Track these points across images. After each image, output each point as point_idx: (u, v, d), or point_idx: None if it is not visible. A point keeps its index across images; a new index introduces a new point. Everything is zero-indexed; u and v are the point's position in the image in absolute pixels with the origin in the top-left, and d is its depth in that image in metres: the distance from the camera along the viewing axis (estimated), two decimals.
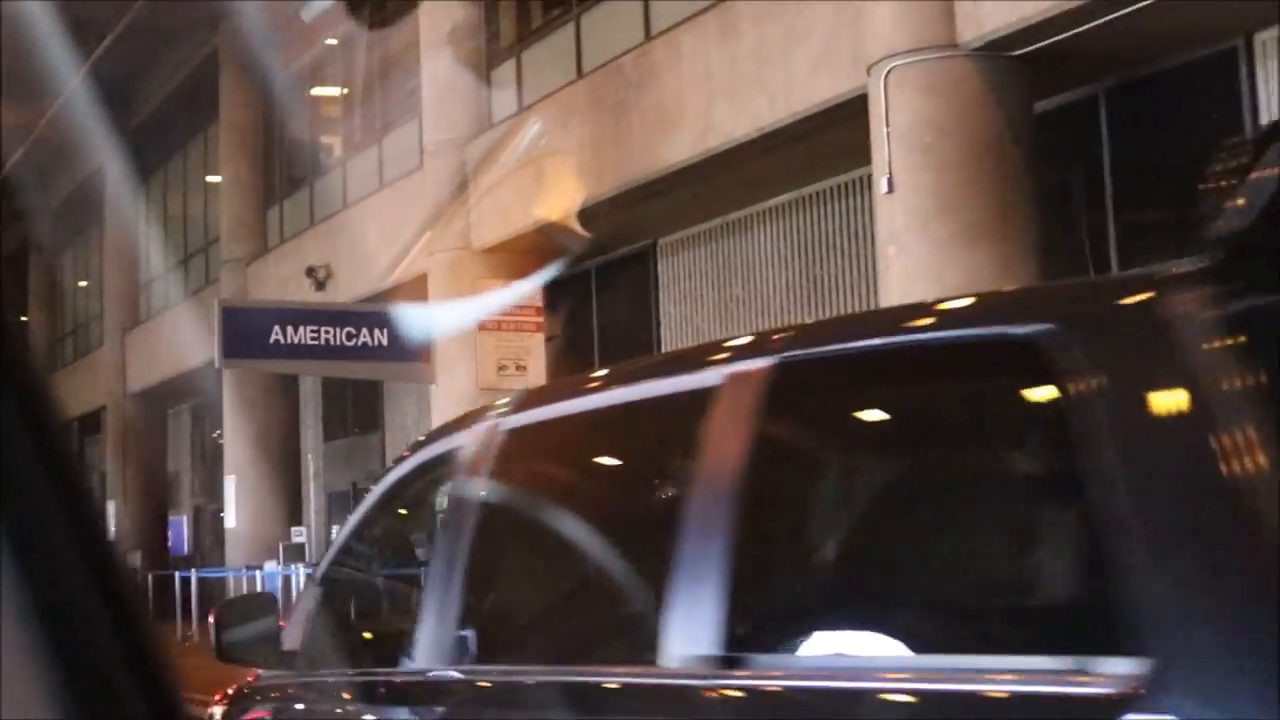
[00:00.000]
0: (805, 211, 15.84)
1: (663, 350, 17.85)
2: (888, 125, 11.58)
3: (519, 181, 17.21)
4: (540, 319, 10.09)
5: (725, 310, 16.92)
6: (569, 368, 17.93)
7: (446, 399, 18.10)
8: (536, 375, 10.06)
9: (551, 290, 19.16)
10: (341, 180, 22.74)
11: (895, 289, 11.47)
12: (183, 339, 28.05)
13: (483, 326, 9.91)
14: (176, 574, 24.65)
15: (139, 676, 0.84)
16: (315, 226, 23.18)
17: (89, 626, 0.81)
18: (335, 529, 26.28)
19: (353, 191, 22.10)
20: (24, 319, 40.03)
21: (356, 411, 25.59)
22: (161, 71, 29.19)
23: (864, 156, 14.45)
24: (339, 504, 26.22)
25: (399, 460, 3.78)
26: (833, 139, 13.59)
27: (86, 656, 0.80)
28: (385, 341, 18.12)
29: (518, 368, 9.97)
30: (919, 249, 11.36)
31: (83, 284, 37.93)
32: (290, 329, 17.68)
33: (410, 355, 18.13)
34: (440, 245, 18.17)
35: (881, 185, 11.60)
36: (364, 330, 18.12)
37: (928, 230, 11.35)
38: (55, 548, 0.81)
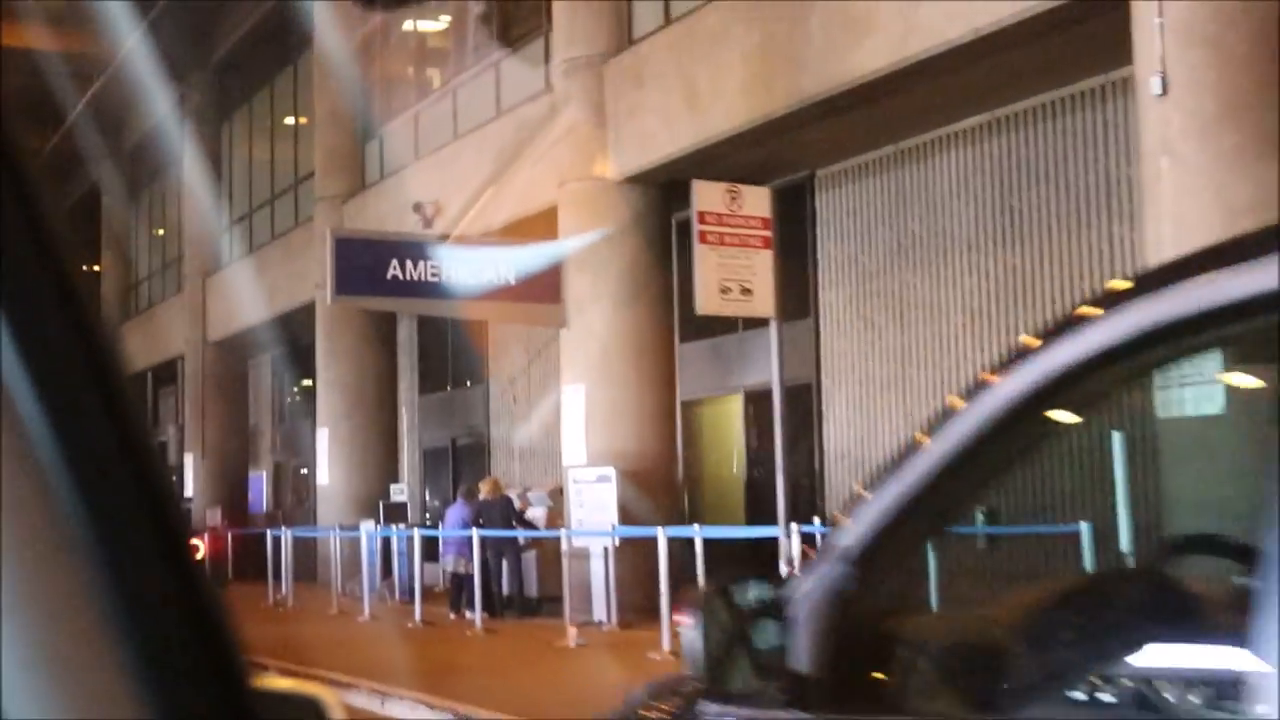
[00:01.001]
0: (1002, 134, 13.94)
1: (819, 297, 16.06)
2: (1160, 16, 9.70)
3: (667, 102, 15.42)
4: (769, 233, 8.35)
5: (899, 249, 15.08)
6: (694, 324, 16.24)
7: (576, 346, 16.41)
8: (764, 301, 8.31)
9: (683, 231, 17.44)
10: (451, 109, 20.96)
11: (1167, 209, 9.62)
12: (269, 283, 26.43)
13: (703, 238, 8.14)
14: (268, 532, 23.03)
15: (207, 656, 0.79)
16: (420, 160, 21.42)
17: (158, 604, 0.78)
18: (427, 491, 24.64)
19: (464, 120, 20.32)
20: (96, 267, 38.59)
21: (456, 362, 23.84)
22: (246, 3, 27.48)
23: (1090, 64, 12.58)
24: (435, 462, 24.57)
25: (1061, 328, 1.98)
26: (1059, 43, 11.72)
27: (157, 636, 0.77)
28: (513, 280, 16.43)
29: (743, 291, 8.21)
30: (1197, 160, 9.49)
31: (159, 231, 36.38)
32: (409, 264, 15.99)
33: (540, 295, 16.43)
34: (572, 174, 16.44)
35: (1153, 86, 9.72)
36: (490, 267, 16.42)
37: (1208, 139, 9.49)
38: (129, 525, 0.77)
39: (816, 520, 13.32)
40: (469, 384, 23.61)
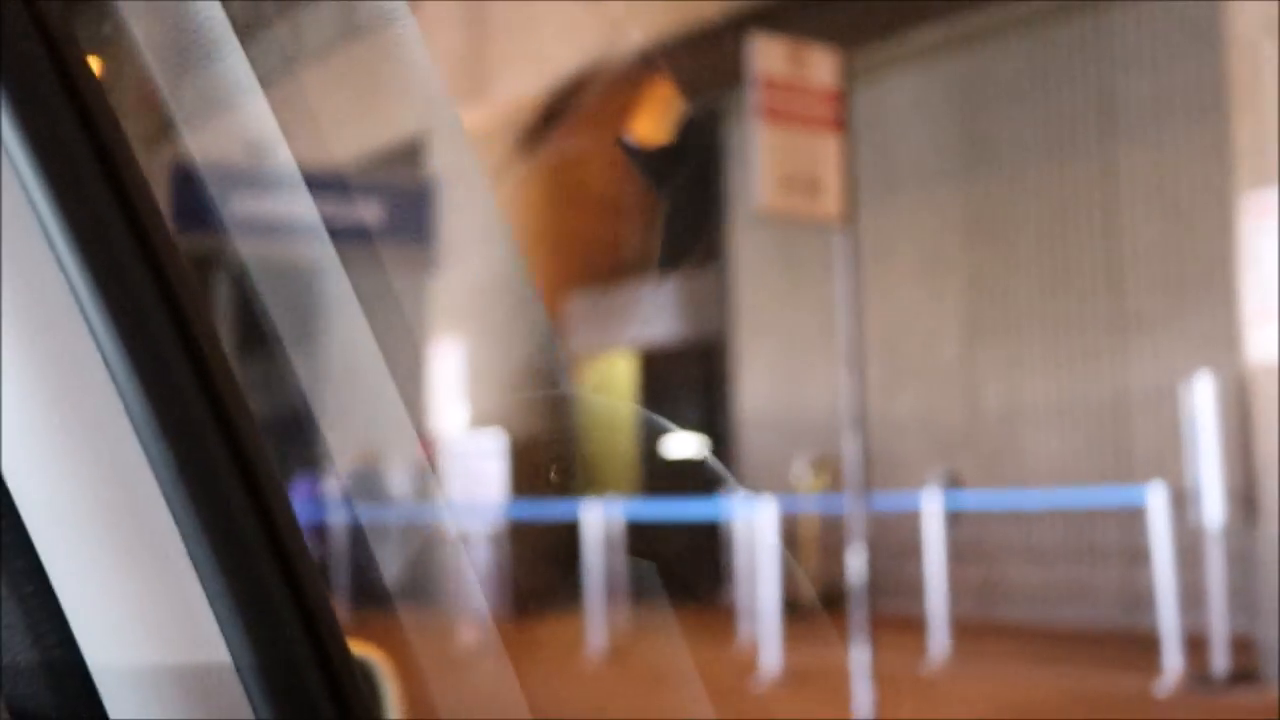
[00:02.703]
0: (966, 51, 12.11)
1: (731, 240, 14.08)
2: None
3: (556, 12, 13.28)
4: (840, 111, 6.34)
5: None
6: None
7: (449, 295, 14.21)
8: (832, 198, 6.32)
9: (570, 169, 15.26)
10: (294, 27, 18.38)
11: (1272, 98, 7.86)
12: None
13: (768, 113, 6.09)
14: None
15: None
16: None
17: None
18: None
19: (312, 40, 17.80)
20: None
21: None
22: None
23: None
24: None
25: None
26: None
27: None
28: (377, 218, 14.10)
29: (809, 185, 6.20)
30: None
31: None
32: (256, 199, 13.52)
33: (408, 236, 14.16)
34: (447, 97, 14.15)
35: None
36: (351, 203, 14.03)
37: None
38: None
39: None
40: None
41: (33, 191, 0.75)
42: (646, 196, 14.83)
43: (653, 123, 13.61)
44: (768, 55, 6.27)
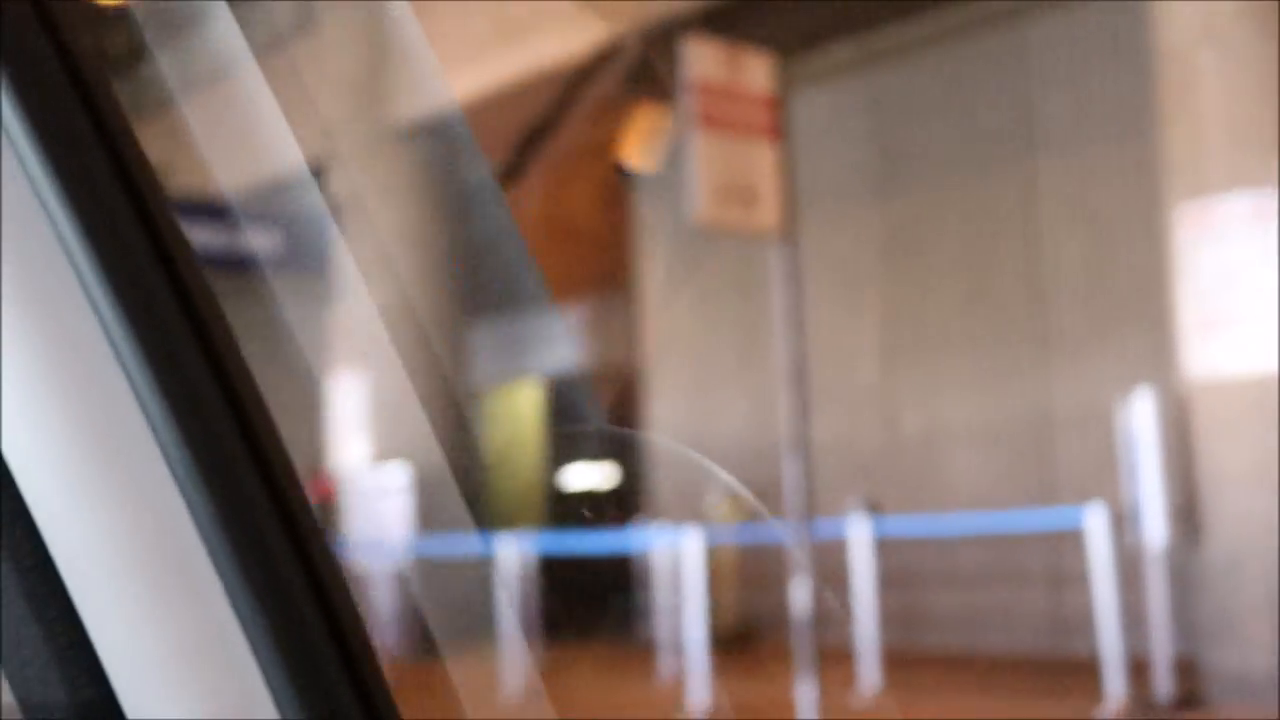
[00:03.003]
0: (878, 67, 11.90)
1: (642, 266, 13.76)
2: None
3: (460, 23, 12.89)
4: (775, 119, 6.02)
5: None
6: (487, 302, 13.65)
7: (345, 325, 13.72)
8: (770, 209, 6.00)
9: (478, 193, 14.90)
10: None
11: (1207, 109, 7.70)
12: None
13: (704, 119, 5.75)
14: None
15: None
16: None
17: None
18: None
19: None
20: None
21: None
22: None
23: None
24: None
25: None
26: None
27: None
28: (267, 247, 13.60)
29: (746, 195, 5.87)
30: (1252, 48, 7.60)
31: None
32: None
33: (299, 265, 13.66)
34: (339, 120, 13.72)
35: None
36: (240, 232, 13.54)
37: (1262, 18, 7.64)
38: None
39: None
40: None
41: (43, 191, 0.73)
42: (555, 219, 14.47)
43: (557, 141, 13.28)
44: (702, 59, 5.94)
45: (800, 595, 6.49)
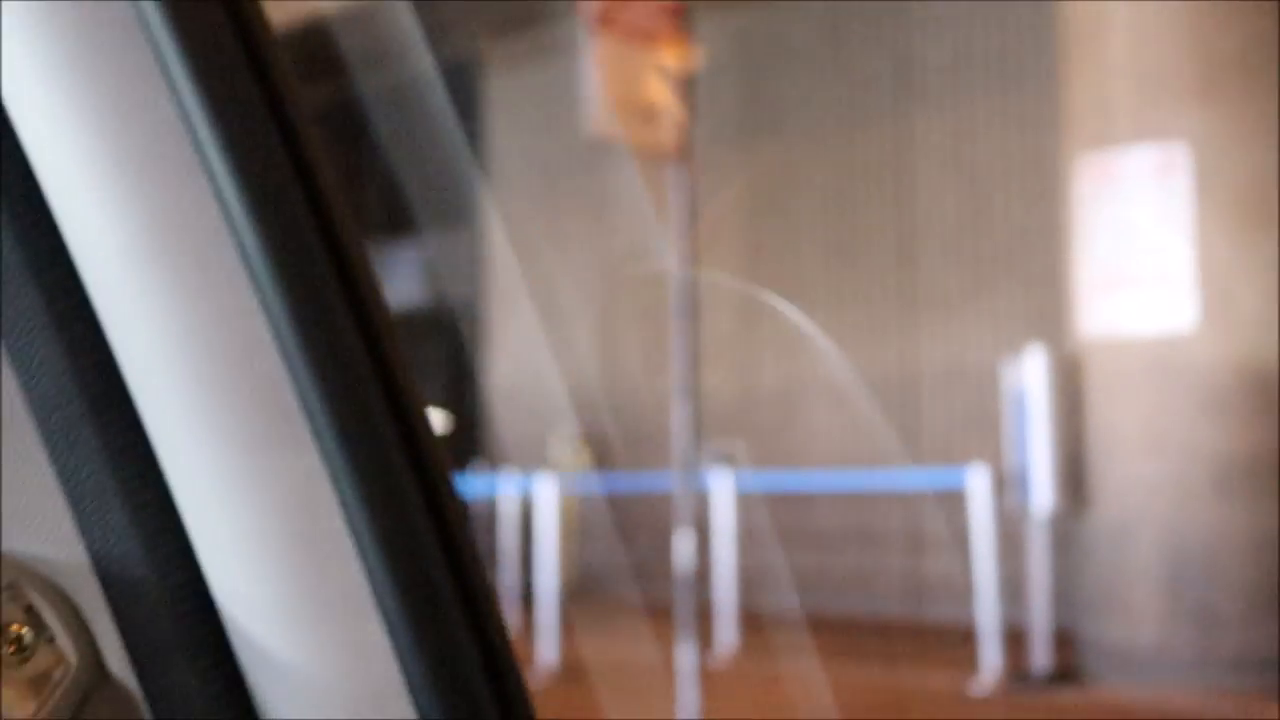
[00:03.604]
0: (749, 11, 11.41)
1: (480, 210, 13.11)
2: None
3: None
4: (681, 25, 5.48)
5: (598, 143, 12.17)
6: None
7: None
8: (670, 126, 5.47)
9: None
10: None
11: (1115, 58, 7.36)
12: None
13: (603, 19, 5.19)
14: None
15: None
16: None
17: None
18: None
19: None
20: None
21: None
22: None
23: None
24: None
25: None
26: None
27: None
28: None
29: (644, 111, 5.33)
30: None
31: None
32: None
33: None
34: None
35: None
36: None
37: None
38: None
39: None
40: None
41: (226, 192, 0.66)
42: (392, 153, 13.73)
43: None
44: None
45: (684, 550, 5.99)
